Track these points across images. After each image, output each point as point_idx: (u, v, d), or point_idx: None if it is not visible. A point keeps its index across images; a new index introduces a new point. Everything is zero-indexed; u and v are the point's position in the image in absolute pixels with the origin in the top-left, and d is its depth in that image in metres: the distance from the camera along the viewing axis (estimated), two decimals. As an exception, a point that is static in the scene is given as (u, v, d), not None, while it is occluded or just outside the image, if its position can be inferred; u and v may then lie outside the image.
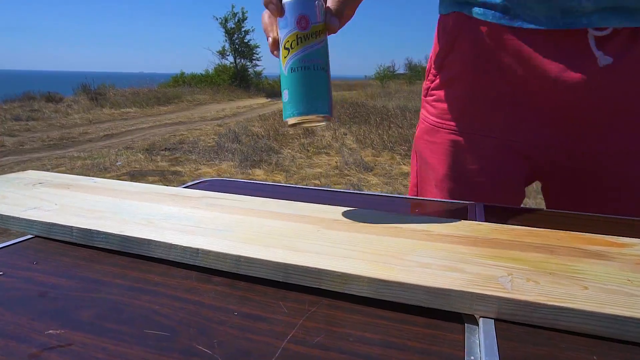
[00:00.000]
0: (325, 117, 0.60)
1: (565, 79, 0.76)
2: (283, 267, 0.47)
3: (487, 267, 0.47)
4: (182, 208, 0.66)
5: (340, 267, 0.46)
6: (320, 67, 0.59)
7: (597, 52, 0.73)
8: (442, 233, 0.57)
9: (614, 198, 0.84)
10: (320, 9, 0.59)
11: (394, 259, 0.49)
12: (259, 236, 0.55)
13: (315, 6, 0.59)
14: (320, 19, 0.59)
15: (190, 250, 0.51)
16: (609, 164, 0.82)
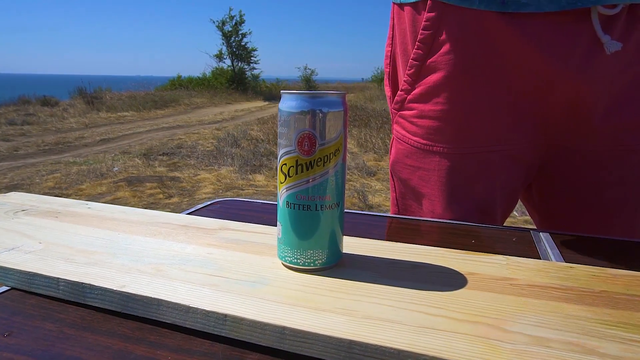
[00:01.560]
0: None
1: (570, 71, 0.67)
2: (346, 345, 0.35)
3: (627, 344, 0.34)
4: (197, 247, 0.53)
5: (426, 348, 0.33)
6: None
7: (604, 36, 0.65)
8: (535, 283, 0.45)
9: (612, 197, 0.75)
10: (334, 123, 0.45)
11: (492, 331, 0.36)
12: (305, 292, 0.42)
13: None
14: (334, 135, 0.45)
15: (215, 316, 0.38)
16: (605, 161, 0.74)
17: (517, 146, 0.76)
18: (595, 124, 0.72)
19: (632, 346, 0.34)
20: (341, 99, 0.45)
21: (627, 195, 0.75)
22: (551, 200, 0.83)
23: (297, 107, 0.44)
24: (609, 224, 0.76)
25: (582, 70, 0.67)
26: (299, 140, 0.44)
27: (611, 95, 0.70)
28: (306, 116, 0.43)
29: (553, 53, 0.66)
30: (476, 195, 0.77)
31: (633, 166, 0.74)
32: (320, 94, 0.44)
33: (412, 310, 0.39)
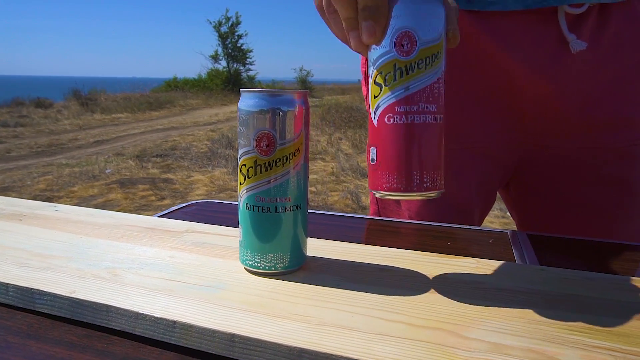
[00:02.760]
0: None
1: (535, 70, 0.66)
2: (297, 353, 0.33)
3: (588, 351, 0.33)
4: (159, 250, 0.51)
5: (378, 356, 0.32)
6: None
7: (570, 35, 0.64)
8: (502, 287, 0.43)
9: (589, 196, 0.74)
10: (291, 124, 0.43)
11: (450, 337, 0.34)
12: (263, 297, 0.40)
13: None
14: (294, 135, 0.43)
15: (163, 322, 0.37)
16: (582, 160, 0.73)
17: (491, 145, 0.75)
18: (570, 123, 0.71)
19: (594, 353, 0.33)
20: (302, 97, 0.44)
21: (604, 195, 0.74)
22: (528, 199, 0.82)
23: (256, 105, 0.42)
24: (587, 223, 0.75)
25: (548, 69, 0.66)
26: (257, 140, 0.42)
27: (582, 94, 0.69)
28: (265, 115, 0.42)
29: (519, 52, 0.66)
30: (452, 194, 0.75)
31: (612, 166, 0.73)
32: (279, 92, 0.43)
33: (370, 316, 0.37)
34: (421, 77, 0.39)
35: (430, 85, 0.39)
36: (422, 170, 0.40)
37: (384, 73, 0.39)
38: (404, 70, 0.39)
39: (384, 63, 0.39)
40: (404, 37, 0.38)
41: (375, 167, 0.41)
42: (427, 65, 0.39)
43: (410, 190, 0.40)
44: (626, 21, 0.67)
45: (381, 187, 0.41)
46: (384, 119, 0.40)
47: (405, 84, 0.39)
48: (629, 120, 0.71)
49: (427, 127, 0.39)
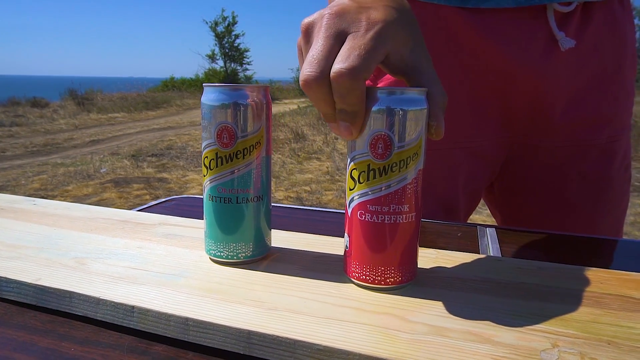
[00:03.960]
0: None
1: (526, 67, 0.68)
2: (245, 335, 0.35)
3: (524, 333, 0.35)
4: (129, 241, 0.53)
5: (321, 337, 0.33)
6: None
7: (559, 33, 0.66)
8: (456, 275, 0.45)
9: (573, 193, 0.76)
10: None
11: (395, 321, 0.36)
12: (222, 284, 0.42)
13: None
14: (255, 128, 0.44)
15: (123, 307, 0.38)
16: (564, 157, 0.75)
17: (481, 143, 0.76)
18: (556, 120, 0.72)
19: (529, 335, 0.34)
20: (262, 92, 0.45)
21: (587, 191, 0.76)
22: (513, 198, 0.83)
23: (217, 99, 0.44)
24: (569, 220, 0.77)
25: (539, 66, 0.68)
26: (218, 133, 0.44)
27: (570, 92, 0.71)
28: (226, 109, 0.43)
29: (511, 49, 0.67)
30: (439, 194, 0.77)
31: (593, 162, 0.74)
32: (240, 87, 0.44)
33: (322, 302, 0.39)
34: (395, 179, 0.39)
35: (403, 187, 0.39)
36: (391, 266, 0.41)
37: (358, 170, 0.40)
38: (376, 172, 0.39)
39: (359, 161, 0.40)
40: (379, 140, 0.38)
41: (348, 255, 0.43)
42: (402, 168, 0.39)
43: (378, 283, 0.41)
44: (606, 20, 0.70)
45: (351, 274, 0.42)
46: (357, 213, 0.41)
47: (378, 185, 0.39)
48: (609, 117, 0.73)
49: (398, 227, 0.40)
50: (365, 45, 0.36)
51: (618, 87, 0.74)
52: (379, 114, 0.38)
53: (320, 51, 0.37)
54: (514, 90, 0.70)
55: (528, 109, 0.72)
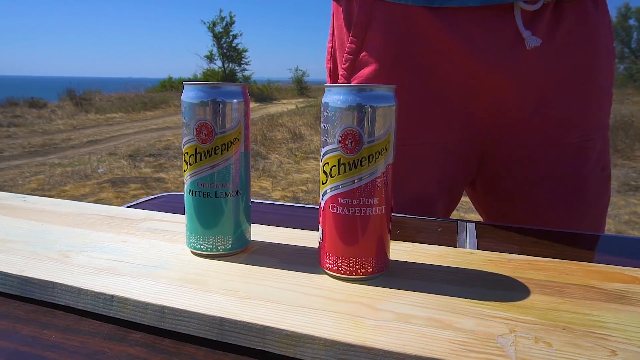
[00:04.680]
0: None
1: (491, 65, 0.69)
2: (218, 322, 0.36)
3: (484, 320, 0.36)
4: (114, 235, 0.54)
5: (289, 324, 0.35)
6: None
7: (525, 31, 0.67)
8: (428, 267, 0.47)
9: (546, 191, 0.77)
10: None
11: (363, 309, 0.38)
12: (199, 275, 0.44)
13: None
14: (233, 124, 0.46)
15: (103, 297, 0.40)
16: (538, 157, 0.76)
17: (451, 140, 0.77)
18: (525, 119, 0.74)
19: (489, 321, 0.36)
20: (241, 89, 0.47)
21: (559, 189, 0.77)
22: (490, 195, 0.85)
23: (196, 97, 0.45)
24: (544, 217, 0.78)
25: (505, 64, 0.69)
26: (197, 129, 0.45)
27: (538, 91, 0.72)
28: (204, 106, 0.45)
29: (476, 47, 0.69)
30: (411, 188, 0.78)
31: (564, 161, 0.76)
32: (218, 85, 0.46)
33: (295, 291, 0.40)
34: (365, 173, 0.40)
35: (373, 180, 0.41)
36: (362, 257, 0.42)
37: (330, 165, 0.41)
38: (347, 166, 0.40)
39: (330, 156, 0.41)
40: (348, 135, 0.40)
41: (322, 247, 0.44)
42: (371, 163, 0.40)
43: (349, 274, 0.43)
44: (578, 20, 0.70)
45: (325, 266, 0.44)
46: (329, 206, 0.42)
47: (348, 179, 0.41)
48: (580, 117, 0.75)
49: (368, 220, 0.42)
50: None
51: (590, 87, 0.74)
52: (349, 110, 0.40)
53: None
54: (480, 88, 0.72)
55: (494, 107, 0.73)
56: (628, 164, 5.68)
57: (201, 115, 0.45)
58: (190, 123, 0.46)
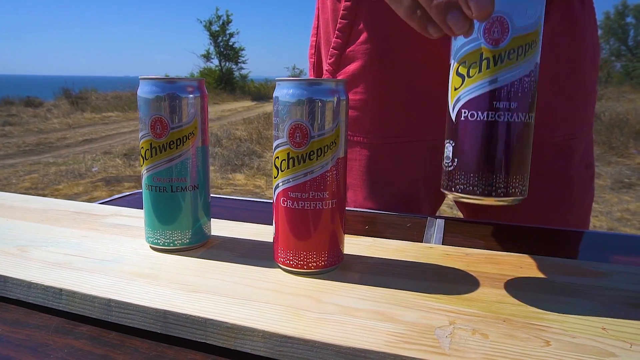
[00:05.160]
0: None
1: None
2: (162, 315, 0.36)
3: (428, 313, 0.36)
4: (76, 231, 0.54)
5: (232, 317, 0.35)
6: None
7: None
8: (383, 261, 0.47)
9: (530, 188, 0.76)
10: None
11: (308, 302, 0.38)
12: (153, 269, 0.44)
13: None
14: (188, 119, 0.46)
15: (52, 290, 0.40)
16: None
17: (436, 138, 0.77)
18: None
19: (431, 313, 0.36)
20: (197, 84, 0.47)
21: (545, 187, 0.76)
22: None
23: (151, 92, 0.45)
24: (529, 215, 0.78)
25: None
26: (151, 124, 0.46)
27: None
28: (159, 101, 0.45)
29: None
30: (397, 186, 0.78)
31: (551, 160, 0.75)
32: (173, 80, 0.46)
33: (244, 284, 0.41)
34: (313, 167, 0.39)
35: (323, 174, 0.39)
36: (313, 251, 0.41)
37: (280, 159, 0.39)
38: (296, 160, 0.39)
39: (280, 150, 0.39)
40: (296, 129, 0.38)
41: (275, 241, 0.43)
42: (320, 156, 0.38)
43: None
44: (563, 17, 0.70)
45: (277, 259, 0.43)
46: (280, 200, 0.41)
47: (297, 172, 0.39)
48: (565, 115, 0.74)
49: (318, 213, 0.40)
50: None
51: (575, 86, 0.74)
52: (298, 104, 0.40)
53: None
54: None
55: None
56: (622, 161, 5.70)
57: (155, 110, 0.45)
58: (146, 118, 0.46)
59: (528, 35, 0.35)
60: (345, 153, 0.43)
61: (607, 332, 0.34)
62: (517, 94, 0.36)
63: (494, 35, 0.35)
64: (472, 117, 0.37)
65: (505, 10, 0.35)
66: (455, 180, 0.39)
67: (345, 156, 0.43)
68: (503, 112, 0.35)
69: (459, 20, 0.34)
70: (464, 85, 0.37)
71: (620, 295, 0.40)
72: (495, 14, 0.34)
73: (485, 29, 0.35)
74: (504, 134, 0.36)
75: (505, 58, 0.35)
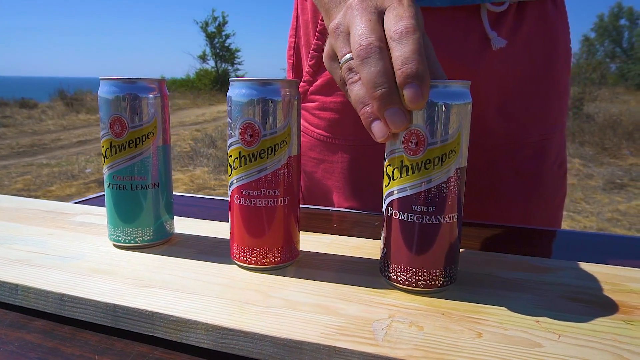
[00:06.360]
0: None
1: (458, 65, 0.69)
2: (112, 308, 0.37)
3: (370, 306, 0.38)
4: (43, 229, 0.55)
5: (178, 310, 0.36)
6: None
7: (491, 32, 0.67)
8: (337, 258, 0.48)
9: (508, 188, 0.77)
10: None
11: (255, 296, 0.39)
12: (111, 265, 0.45)
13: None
14: (147, 119, 0.48)
15: (8, 286, 0.41)
16: (499, 155, 0.75)
17: None
18: (489, 119, 0.74)
19: (373, 307, 0.37)
20: (157, 84, 0.48)
21: (521, 187, 0.77)
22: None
23: (111, 92, 0.47)
24: (506, 213, 0.79)
25: (471, 65, 0.69)
26: (111, 124, 0.47)
27: (501, 91, 0.72)
28: (119, 101, 0.46)
29: (445, 48, 0.69)
30: (379, 186, 0.79)
31: (526, 159, 0.76)
32: (133, 80, 0.47)
33: (197, 280, 0.42)
34: (264, 165, 0.42)
35: (273, 173, 0.42)
36: (266, 247, 0.44)
37: (232, 157, 0.43)
38: (247, 158, 0.42)
39: (232, 148, 0.43)
40: (247, 128, 0.41)
41: (231, 237, 0.46)
42: (270, 155, 0.42)
43: (255, 264, 0.44)
44: (538, 20, 0.71)
45: (233, 256, 0.46)
46: (234, 197, 0.44)
47: (249, 170, 0.42)
48: (540, 116, 0.75)
49: (270, 210, 0.43)
50: (409, 10, 0.38)
51: (549, 86, 0.75)
52: (250, 104, 0.41)
53: (367, 26, 0.38)
54: None
55: None
56: (614, 162, 5.73)
57: (115, 110, 0.46)
58: (106, 117, 0.47)
59: (446, 145, 0.38)
60: (298, 151, 0.44)
61: (539, 324, 0.35)
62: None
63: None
64: (395, 216, 0.40)
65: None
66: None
67: (298, 154, 0.44)
68: (421, 214, 0.39)
69: (414, 97, 0.36)
70: (390, 186, 0.41)
71: (560, 290, 0.41)
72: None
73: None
74: (422, 234, 0.39)
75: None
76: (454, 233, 0.40)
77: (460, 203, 0.40)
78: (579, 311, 0.38)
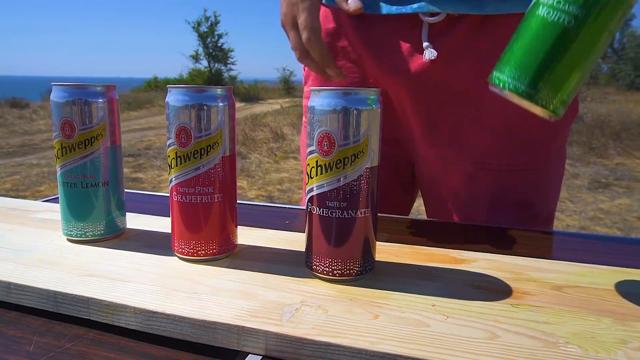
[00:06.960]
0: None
1: (391, 73, 0.71)
2: (52, 295, 0.41)
3: (287, 293, 0.42)
4: (5, 224, 0.59)
5: (111, 295, 0.40)
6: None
7: (425, 43, 0.67)
8: (273, 250, 0.52)
9: (451, 192, 0.77)
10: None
11: (184, 284, 0.43)
12: (60, 257, 0.49)
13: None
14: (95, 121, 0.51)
15: (-39, 276, 0.45)
16: (441, 172, 0.76)
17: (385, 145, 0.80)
18: (418, 138, 0.76)
19: (290, 294, 0.41)
20: (105, 90, 0.52)
21: (469, 196, 0.78)
22: (437, 205, 0.84)
23: (62, 97, 0.50)
24: (464, 214, 0.80)
25: (402, 72, 0.70)
26: (61, 126, 0.51)
27: (430, 107, 0.73)
28: (70, 105, 0.50)
29: (385, 57, 0.71)
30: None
31: (462, 177, 0.76)
32: (84, 86, 0.51)
33: (136, 270, 0.46)
34: (197, 164, 0.46)
35: (206, 172, 0.46)
36: (202, 240, 0.48)
37: (170, 157, 0.47)
38: (182, 158, 0.46)
39: (170, 149, 0.47)
40: (181, 131, 0.46)
41: (172, 231, 0.50)
42: (203, 155, 0.46)
43: (192, 255, 0.48)
44: (474, 32, 0.69)
45: (173, 249, 0.50)
46: (172, 194, 0.48)
47: (184, 169, 0.46)
48: (466, 135, 0.74)
49: (206, 206, 0.47)
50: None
51: (474, 103, 0.72)
52: (185, 109, 0.45)
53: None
54: (391, 99, 0.75)
55: (396, 120, 0.76)
56: (600, 161, 5.80)
57: (65, 114, 0.50)
58: (57, 120, 0.51)
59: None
60: (232, 152, 0.48)
61: (435, 308, 0.39)
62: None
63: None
64: (314, 211, 0.44)
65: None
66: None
67: (232, 154, 0.48)
68: (335, 209, 0.43)
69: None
70: (309, 183, 0.44)
71: (467, 279, 0.45)
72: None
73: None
74: (337, 228, 0.44)
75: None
76: (368, 226, 0.44)
77: (373, 199, 0.44)
78: (477, 297, 0.42)
